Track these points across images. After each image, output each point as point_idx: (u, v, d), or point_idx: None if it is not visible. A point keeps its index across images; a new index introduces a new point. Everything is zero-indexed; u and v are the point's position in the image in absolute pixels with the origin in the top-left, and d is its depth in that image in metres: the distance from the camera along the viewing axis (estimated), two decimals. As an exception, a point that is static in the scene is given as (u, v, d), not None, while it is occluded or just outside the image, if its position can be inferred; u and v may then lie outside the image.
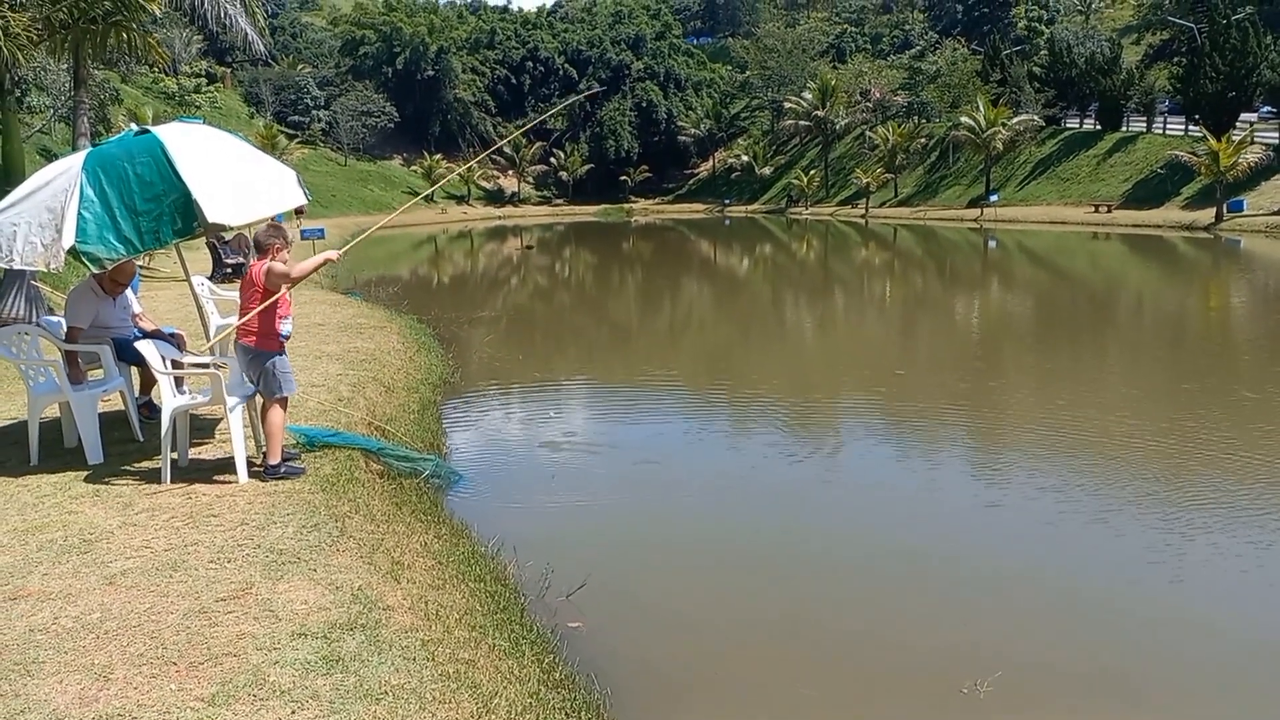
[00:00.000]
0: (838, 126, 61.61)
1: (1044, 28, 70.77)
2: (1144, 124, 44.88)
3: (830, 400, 10.80)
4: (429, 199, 66.91)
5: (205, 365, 6.33)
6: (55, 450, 6.56)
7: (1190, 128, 39.40)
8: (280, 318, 5.90)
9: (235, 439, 5.89)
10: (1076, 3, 79.25)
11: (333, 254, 6.22)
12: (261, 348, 5.84)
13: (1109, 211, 39.70)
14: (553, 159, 74.75)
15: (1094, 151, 45.24)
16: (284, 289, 5.90)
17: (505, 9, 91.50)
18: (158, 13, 12.06)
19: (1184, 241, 31.45)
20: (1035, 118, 48.00)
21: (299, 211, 6.63)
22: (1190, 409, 9.53)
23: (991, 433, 9.26)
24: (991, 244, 34.41)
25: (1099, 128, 46.71)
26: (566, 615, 5.10)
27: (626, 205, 72.87)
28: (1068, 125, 49.45)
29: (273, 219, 6.19)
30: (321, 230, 24.61)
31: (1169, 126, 43.20)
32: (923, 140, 55.44)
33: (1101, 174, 43.48)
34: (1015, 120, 47.08)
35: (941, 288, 23.07)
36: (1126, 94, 45.39)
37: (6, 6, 10.35)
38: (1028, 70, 52.44)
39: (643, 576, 5.91)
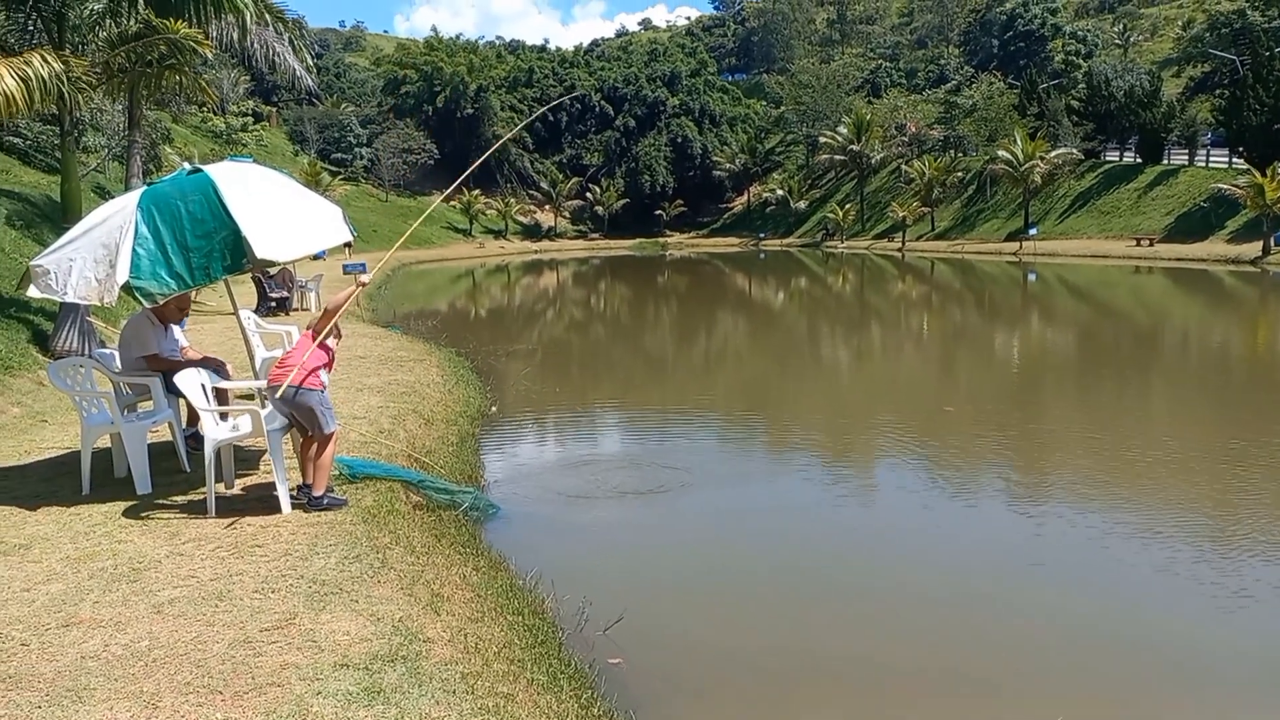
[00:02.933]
0: (873, 160, 61.64)
1: (1082, 61, 70.65)
2: (1186, 157, 44.35)
3: (877, 437, 10.64)
4: (468, 234, 68.01)
5: (250, 395, 6.45)
6: (106, 480, 6.71)
7: (1234, 160, 38.81)
8: (322, 368, 6.05)
9: (277, 470, 5.99)
10: (1114, 36, 79.03)
11: (364, 278, 6.42)
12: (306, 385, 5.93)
13: (1151, 245, 39.15)
14: (589, 194, 75.46)
15: (1135, 185, 44.74)
16: (332, 322, 6.03)
17: (543, 48, 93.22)
18: (210, 56, 12.45)
19: (1230, 275, 30.89)
20: (1074, 151, 47.64)
21: (347, 245, 6.83)
22: (1249, 450, 9.30)
23: (1049, 474, 9.05)
24: (1031, 277, 34.06)
25: (1139, 161, 46.24)
26: (604, 650, 5.08)
27: (661, 239, 73.26)
28: (1107, 159, 48.99)
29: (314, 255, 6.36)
30: (363, 264, 25.01)
31: (1212, 159, 42.65)
32: (959, 174, 55.20)
33: (1143, 207, 42.96)
34: (1054, 154, 46.76)
35: (983, 322, 22.83)
36: (1167, 127, 44.93)
37: (69, 51, 10.76)
38: (1065, 104, 52.14)
39: (681, 610, 5.86)
